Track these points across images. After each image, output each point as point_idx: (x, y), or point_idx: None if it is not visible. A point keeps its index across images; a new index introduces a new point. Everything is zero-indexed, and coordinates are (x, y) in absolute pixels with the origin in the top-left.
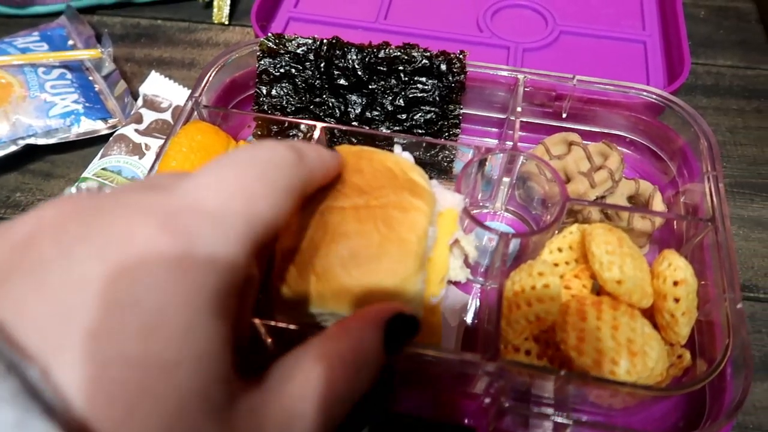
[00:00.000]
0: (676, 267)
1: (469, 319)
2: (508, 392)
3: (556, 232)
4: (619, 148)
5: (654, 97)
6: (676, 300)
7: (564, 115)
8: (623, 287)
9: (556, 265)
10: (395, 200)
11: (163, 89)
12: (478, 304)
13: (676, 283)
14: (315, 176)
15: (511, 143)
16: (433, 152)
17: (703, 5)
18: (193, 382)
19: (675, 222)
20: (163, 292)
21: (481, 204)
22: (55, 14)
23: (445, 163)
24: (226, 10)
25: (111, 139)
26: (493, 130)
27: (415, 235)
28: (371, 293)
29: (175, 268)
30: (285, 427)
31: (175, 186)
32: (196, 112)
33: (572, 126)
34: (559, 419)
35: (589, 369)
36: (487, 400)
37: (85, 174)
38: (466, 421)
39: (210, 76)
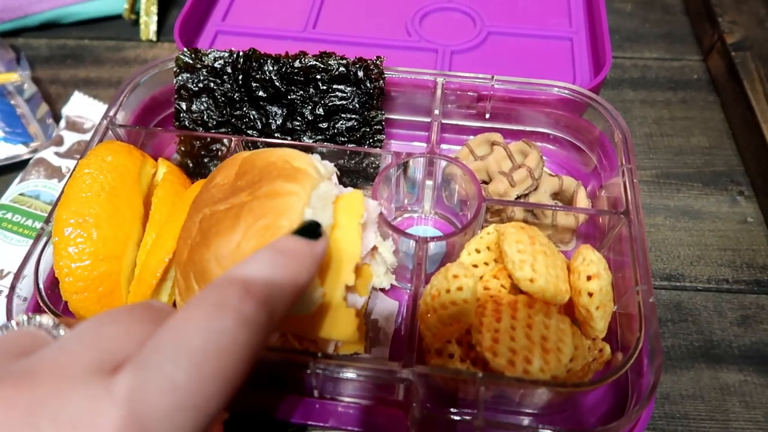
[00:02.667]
0: (590, 261)
1: (398, 325)
2: (432, 398)
3: (477, 232)
4: (542, 145)
5: (569, 92)
6: (590, 294)
7: (487, 116)
8: (536, 285)
9: (475, 266)
10: (267, 190)
11: (88, 110)
12: (405, 310)
13: (589, 278)
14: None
15: (430, 146)
16: (357, 159)
17: (629, 0)
18: None
19: (599, 216)
20: None
21: (409, 209)
22: None
23: (371, 170)
24: (153, 27)
25: (30, 163)
26: (423, 134)
27: (286, 219)
28: None
29: None
30: None
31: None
32: (111, 132)
33: (497, 126)
34: (477, 422)
35: (503, 369)
36: (406, 407)
37: (2, 201)
38: (387, 429)
39: (125, 94)
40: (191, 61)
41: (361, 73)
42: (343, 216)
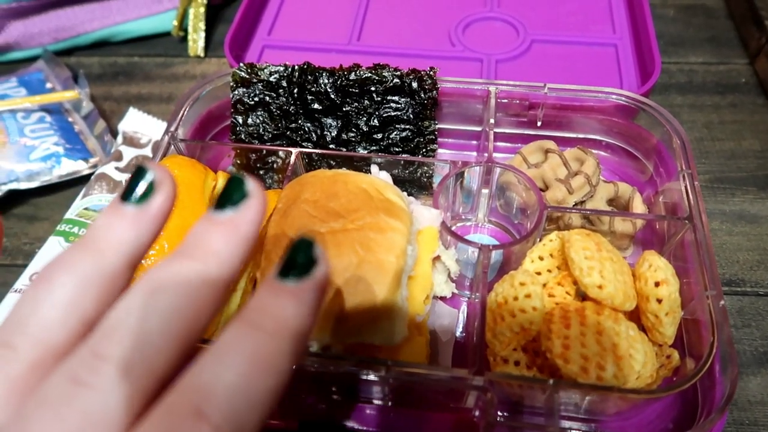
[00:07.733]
0: (657, 268)
1: (459, 333)
2: (498, 405)
3: (538, 240)
4: (595, 152)
5: (624, 99)
6: (659, 301)
7: (539, 124)
8: (605, 291)
9: (538, 273)
10: (372, 222)
11: (142, 125)
12: (466, 318)
13: (657, 284)
14: None
15: (487, 155)
16: (411, 169)
17: (671, 5)
18: None
19: (657, 222)
20: None
21: (463, 217)
22: (33, 59)
23: (425, 179)
24: (201, 43)
25: (92, 178)
26: (473, 142)
27: (393, 255)
28: (352, 316)
29: None
30: None
31: None
32: (173, 146)
33: (548, 133)
34: (551, 429)
35: (576, 376)
36: (477, 414)
37: (68, 215)
38: None
39: (185, 109)
40: (247, 76)
41: (415, 84)
42: (420, 250)
